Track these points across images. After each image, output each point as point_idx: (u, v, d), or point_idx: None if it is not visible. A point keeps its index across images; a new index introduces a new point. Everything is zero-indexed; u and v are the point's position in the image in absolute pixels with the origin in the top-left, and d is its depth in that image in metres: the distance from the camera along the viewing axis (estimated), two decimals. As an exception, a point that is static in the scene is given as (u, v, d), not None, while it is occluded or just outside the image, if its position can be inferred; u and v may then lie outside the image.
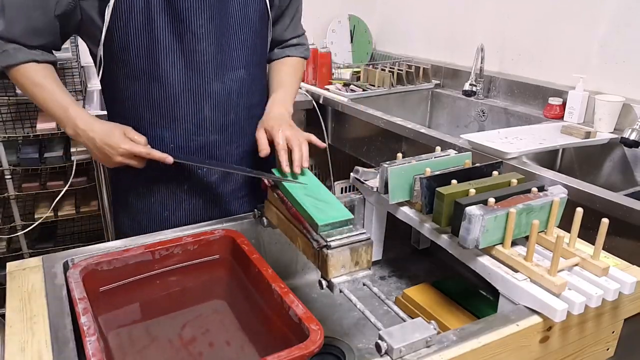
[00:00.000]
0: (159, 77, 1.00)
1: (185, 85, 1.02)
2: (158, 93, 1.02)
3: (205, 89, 1.04)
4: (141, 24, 0.96)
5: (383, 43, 2.77)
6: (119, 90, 1.03)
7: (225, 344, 0.82)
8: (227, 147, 1.10)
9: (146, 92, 1.02)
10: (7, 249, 2.19)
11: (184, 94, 1.02)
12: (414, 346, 0.65)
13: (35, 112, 2.17)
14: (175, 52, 0.99)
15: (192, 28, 0.98)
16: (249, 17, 1.05)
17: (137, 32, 0.96)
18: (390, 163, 0.95)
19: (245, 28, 1.05)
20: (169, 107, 1.03)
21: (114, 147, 0.95)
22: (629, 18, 1.64)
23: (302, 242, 0.81)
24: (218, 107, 1.06)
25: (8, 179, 2.08)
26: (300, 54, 1.23)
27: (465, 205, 0.79)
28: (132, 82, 1.01)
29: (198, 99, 1.04)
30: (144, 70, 1.00)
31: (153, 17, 0.96)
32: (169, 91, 1.02)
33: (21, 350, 0.67)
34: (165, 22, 0.97)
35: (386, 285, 1.08)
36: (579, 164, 1.70)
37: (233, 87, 1.07)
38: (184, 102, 1.03)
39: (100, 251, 0.88)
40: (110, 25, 0.95)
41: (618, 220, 1.11)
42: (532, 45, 1.97)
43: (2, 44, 0.96)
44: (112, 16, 0.94)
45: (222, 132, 1.08)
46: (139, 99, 1.02)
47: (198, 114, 1.05)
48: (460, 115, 2.18)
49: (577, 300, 0.71)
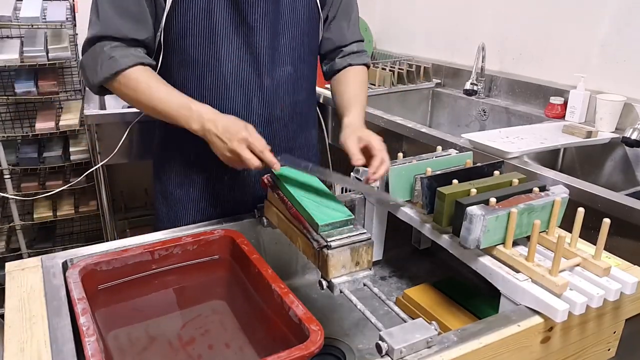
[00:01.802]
0: (214, 67, 1.01)
1: (238, 77, 1.03)
2: (210, 83, 1.03)
3: (256, 82, 1.05)
4: (201, 11, 0.97)
5: (384, 42, 2.77)
6: (170, 77, 1.03)
7: (224, 344, 0.82)
8: (270, 141, 1.08)
9: (199, 81, 1.03)
10: (6, 249, 2.19)
11: (235, 86, 1.04)
12: (415, 347, 0.65)
13: (34, 112, 2.17)
14: (232, 43, 1.01)
15: (249, 20, 1.00)
16: (299, 14, 1.06)
17: (196, 20, 0.97)
18: (391, 163, 0.95)
19: (295, 24, 1.06)
20: (220, 97, 1.04)
21: (234, 133, 0.91)
22: (629, 18, 1.63)
23: (302, 242, 0.81)
24: (265, 101, 1.07)
25: (7, 179, 2.07)
26: (362, 62, 1.21)
27: (466, 205, 0.79)
28: (186, 70, 1.02)
29: (248, 91, 1.05)
30: (200, 59, 1.01)
31: (213, 6, 0.97)
32: (222, 82, 1.03)
33: (20, 350, 0.67)
34: (224, 12, 0.98)
35: (387, 285, 1.08)
36: (581, 164, 1.70)
37: (281, 82, 1.08)
38: (234, 93, 1.04)
39: (99, 251, 0.88)
40: (170, 11, 0.96)
41: (619, 220, 1.11)
42: (533, 44, 1.97)
43: (108, 51, 0.94)
44: (173, 2, 0.95)
45: (267, 127, 1.09)
46: (191, 87, 1.03)
47: (246, 106, 1.06)
48: (461, 115, 2.17)
49: (579, 300, 0.71)
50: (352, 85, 1.16)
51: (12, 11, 1.95)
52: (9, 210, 2.15)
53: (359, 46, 1.22)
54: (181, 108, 0.95)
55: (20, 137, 2.14)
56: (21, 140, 2.17)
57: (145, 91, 0.96)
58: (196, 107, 0.95)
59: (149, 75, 0.97)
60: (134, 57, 0.96)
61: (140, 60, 0.97)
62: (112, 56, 0.94)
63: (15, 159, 2.08)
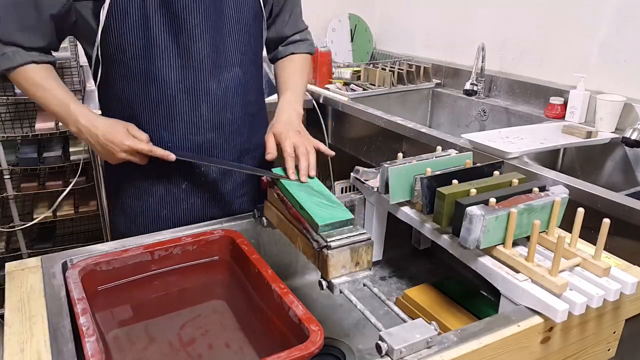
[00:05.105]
0: (156, 77, 1.00)
1: (182, 84, 1.02)
2: (155, 93, 1.02)
3: (202, 87, 1.04)
4: (137, 24, 0.96)
5: (383, 42, 2.77)
6: (115, 91, 1.03)
7: (224, 344, 0.82)
8: (224, 145, 1.10)
9: (143, 92, 1.02)
10: (5, 249, 2.18)
11: (180, 93, 1.03)
12: (415, 347, 0.65)
13: (34, 112, 2.17)
14: (171, 51, 0.99)
15: (188, 27, 0.99)
16: (243, 16, 1.05)
17: (133, 33, 0.96)
18: (390, 163, 0.95)
19: (240, 26, 1.05)
20: (166, 106, 1.03)
21: (117, 143, 0.96)
22: (629, 18, 1.63)
23: (302, 242, 0.81)
24: (214, 106, 1.06)
25: (7, 179, 2.07)
26: (304, 50, 1.23)
27: (466, 205, 0.79)
28: (129, 82, 1.01)
29: (195, 97, 1.04)
30: (141, 71, 1.00)
31: (149, 17, 0.96)
32: (166, 91, 1.02)
33: (20, 350, 0.67)
34: (161, 22, 0.97)
35: (386, 285, 1.08)
36: (580, 164, 1.70)
37: (229, 85, 1.07)
38: (180, 101, 1.03)
39: (99, 251, 0.88)
40: (105, 26, 0.95)
41: (619, 221, 1.11)
42: (533, 44, 1.97)
43: (0, 47, 0.96)
44: (107, 17, 0.94)
45: (219, 131, 1.08)
46: (136, 99, 1.02)
47: (195, 112, 1.05)
48: (461, 115, 2.17)
49: (578, 300, 0.71)
50: (287, 72, 1.19)
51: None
52: (9, 210, 2.14)
53: (301, 35, 1.23)
54: (60, 108, 0.98)
55: (20, 137, 2.14)
56: (21, 140, 2.17)
57: (32, 89, 0.98)
58: (74, 109, 0.98)
59: (38, 73, 0.98)
60: (26, 55, 0.97)
61: (32, 59, 0.98)
62: (4, 53, 0.96)
63: (15, 159, 2.08)
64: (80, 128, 0.98)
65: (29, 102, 2.16)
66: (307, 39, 1.24)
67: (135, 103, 1.03)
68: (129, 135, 0.97)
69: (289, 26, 1.20)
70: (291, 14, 1.19)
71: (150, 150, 0.98)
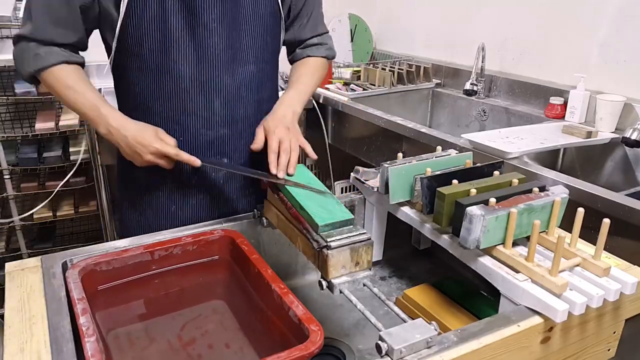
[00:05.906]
0: (171, 70, 1.01)
1: (197, 78, 1.03)
2: (169, 86, 1.03)
3: (216, 82, 1.05)
4: (155, 17, 0.97)
5: (383, 42, 2.77)
6: (130, 82, 1.04)
7: (224, 344, 0.82)
8: (235, 142, 1.10)
9: (157, 85, 1.03)
10: (5, 249, 2.18)
11: (194, 88, 1.04)
12: (415, 347, 0.65)
13: (34, 112, 2.17)
14: (187, 45, 1.01)
15: (205, 22, 1.00)
16: (260, 14, 1.06)
17: (150, 26, 0.98)
18: (390, 163, 0.95)
19: (256, 24, 1.06)
20: (180, 100, 1.04)
21: (146, 145, 0.97)
22: (629, 18, 1.63)
23: (302, 242, 0.81)
24: (228, 102, 1.07)
25: (7, 179, 2.07)
26: (321, 54, 1.22)
27: (466, 205, 0.79)
28: (144, 74, 1.02)
29: (208, 92, 1.05)
30: (156, 63, 1.01)
31: (167, 11, 0.97)
32: (180, 84, 1.03)
33: (20, 350, 0.67)
34: (178, 16, 0.98)
35: (386, 285, 1.08)
36: (580, 164, 1.70)
37: (243, 81, 1.08)
38: (194, 95, 1.04)
39: (99, 251, 0.88)
40: (124, 18, 0.97)
41: (619, 221, 1.11)
42: (533, 44, 1.97)
43: (34, 47, 0.97)
44: (127, 9, 0.96)
45: (231, 127, 1.09)
46: (150, 91, 1.04)
47: (208, 107, 1.06)
48: (461, 115, 2.17)
49: (578, 300, 0.71)
50: (298, 73, 1.19)
51: (12, 11, 1.95)
52: (9, 210, 2.14)
53: (320, 39, 1.23)
54: (91, 110, 0.98)
55: (20, 137, 2.14)
56: (21, 140, 2.17)
57: (63, 90, 0.99)
58: (105, 112, 0.98)
59: (69, 74, 0.99)
60: (59, 55, 0.98)
61: (64, 59, 0.99)
62: (37, 53, 0.97)
63: (15, 159, 2.08)
64: (110, 130, 0.98)
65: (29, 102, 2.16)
66: (326, 42, 1.24)
67: (149, 96, 1.04)
68: (158, 139, 0.98)
69: (307, 29, 1.20)
70: (310, 17, 1.19)
71: (177, 154, 0.98)
